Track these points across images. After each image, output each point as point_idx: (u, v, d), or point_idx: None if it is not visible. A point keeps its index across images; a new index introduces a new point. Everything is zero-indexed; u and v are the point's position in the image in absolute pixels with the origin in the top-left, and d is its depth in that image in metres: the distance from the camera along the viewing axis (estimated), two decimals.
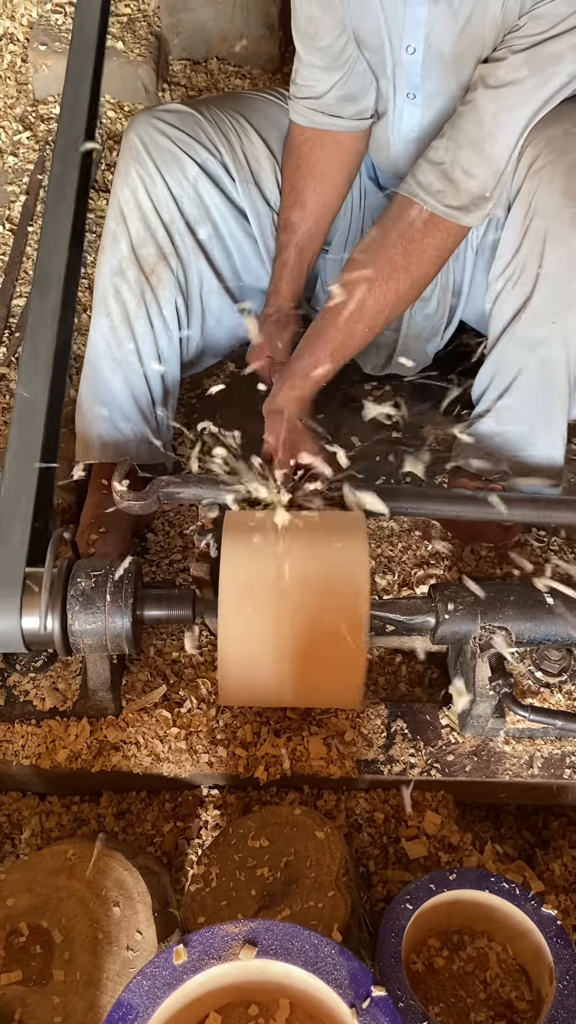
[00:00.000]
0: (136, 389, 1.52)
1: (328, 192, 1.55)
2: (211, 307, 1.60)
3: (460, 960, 1.09)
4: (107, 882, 1.09)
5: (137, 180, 1.49)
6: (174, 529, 1.61)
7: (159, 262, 1.50)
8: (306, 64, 1.47)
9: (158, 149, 1.49)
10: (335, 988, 0.85)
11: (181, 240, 1.52)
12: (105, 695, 1.27)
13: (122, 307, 1.50)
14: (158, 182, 1.49)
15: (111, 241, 1.51)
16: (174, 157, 1.50)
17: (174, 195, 1.51)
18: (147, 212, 1.50)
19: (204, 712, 1.30)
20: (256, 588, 1.15)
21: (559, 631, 1.21)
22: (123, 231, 1.50)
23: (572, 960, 1.02)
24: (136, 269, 1.50)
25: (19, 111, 2.54)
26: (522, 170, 1.35)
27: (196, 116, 1.54)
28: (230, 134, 1.55)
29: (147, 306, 1.50)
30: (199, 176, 1.52)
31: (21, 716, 1.29)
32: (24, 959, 1.04)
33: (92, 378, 1.52)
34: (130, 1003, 0.84)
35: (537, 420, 1.47)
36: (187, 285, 1.55)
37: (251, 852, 1.11)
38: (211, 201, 1.54)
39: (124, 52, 2.53)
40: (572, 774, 1.25)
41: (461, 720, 1.28)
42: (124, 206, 1.50)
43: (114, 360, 1.51)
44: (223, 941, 0.88)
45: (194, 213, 1.53)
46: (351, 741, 1.27)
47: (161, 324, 1.52)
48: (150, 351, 1.52)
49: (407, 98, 1.45)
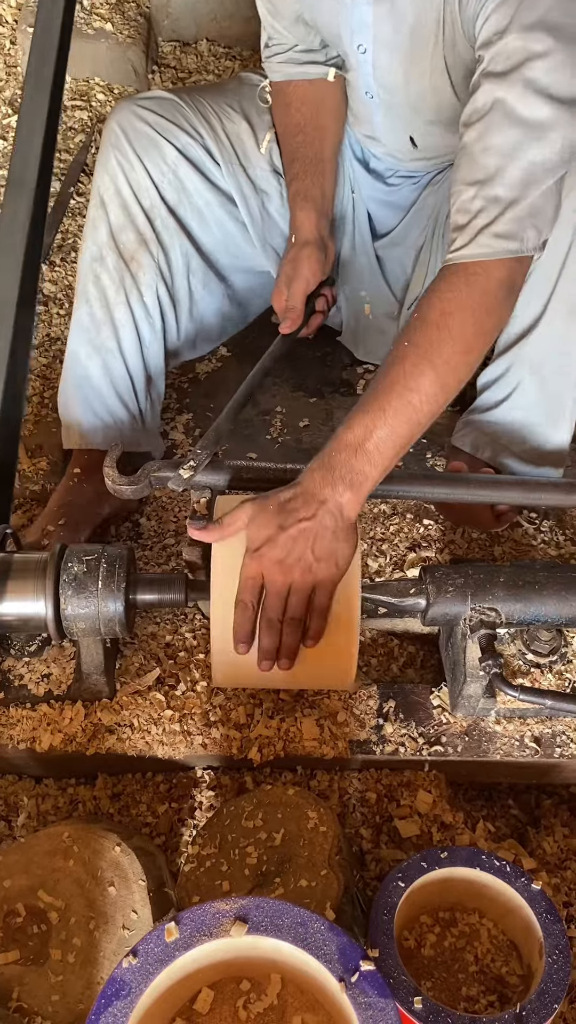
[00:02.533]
0: (116, 377, 1.51)
1: (324, 118, 1.53)
2: (198, 289, 1.59)
3: (452, 936, 1.10)
4: (103, 863, 1.10)
5: (116, 167, 1.48)
6: (167, 513, 1.61)
7: (139, 248, 1.50)
8: (270, 25, 1.49)
9: (137, 135, 1.49)
10: (324, 963, 0.86)
11: (163, 225, 1.51)
12: (99, 679, 1.28)
13: (102, 294, 1.49)
14: (137, 168, 1.48)
15: (91, 228, 1.50)
16: (153, 142, 1.49)
17: (154, 180, 1.50)
18: (127, 198, 1.49)
19: (198, 694, 1.31)
20: None
21: (549, 611, 1.22)
22: (102, 218, 1.49)
23: (562, 935, 1.03)
24: (116, 256, 1.49)
25: (8, 94, 2.52)
26: None
27: (176, 102, 1.53)
28: (211, 118, 1.54)
29: (127, 293, 1.49)
30: (179, 161, 1.51)
31: (16, 700, 1.30)
32: (22, 939, 1.05)
33: (72, 365, 1.52)
34: (123, 979, 0.85)
35: (552, 411, 1.47)
36: (171, 271, 1.54)
37: (245, 832, 1.13)
38: (193, 187, 1.54)
39: (113, 34, 2.51)
40: (563, 753, 1.26)
41: (452, 700, 1.29)
42: (104, 193, 1.49)
43: (93, 347, 1.50)
44: (214, 918, 0.89)
45: (174, 197, 1.52)
46: (344, 722, 1.28)
47: (142, 311, 1.51)
48: (130, 338, 1.51)
49: (366, 96, 1.44)
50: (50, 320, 1.91)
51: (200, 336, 1.67)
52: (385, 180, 1.61)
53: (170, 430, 1.75)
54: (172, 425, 1.76)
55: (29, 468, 1.65)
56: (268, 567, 1.12)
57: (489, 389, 1.50)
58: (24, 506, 1.60)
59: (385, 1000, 0.85)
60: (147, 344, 1.54)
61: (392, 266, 1.66)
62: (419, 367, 1.15)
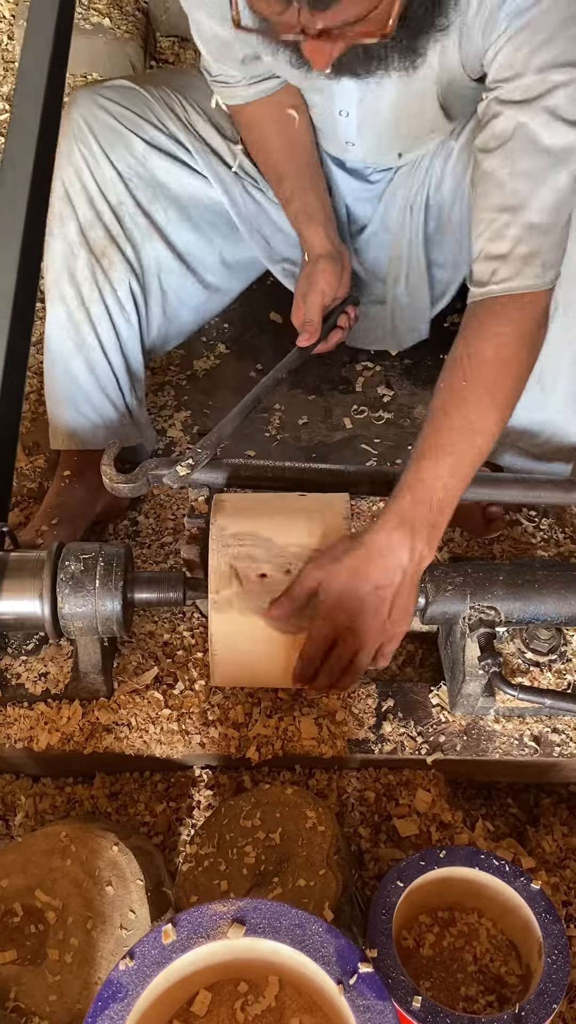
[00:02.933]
0: (100, 374, 1.50)
1: (295, 130, 1.48)
2: (172, 287, 1.56)
3: (450, 936, 1.10)
4: (100, 862, 1.10)
5: (81, 161, 1.44)
6: (165, 511, 1.61)
7: (109, 245, 1.47)
8: (214, 64, 1.42)
9: (101, 128, 1.44)
10: (323, 965, 0.86)
11: (132, 221, 1.48)
12: (96, 677, 1.28)
13: (76, 291, 1.47)
14: (103, 163, 1.45)
15: (59, 224, 1.47)
16: (119, 136, 1.45)
17: (122, 176, 1.46)
18: (93, 194, 1.45)
19: (196, 693, 1.30)
20: (246, 569, 1.15)
21: (548, 610, 1.22)
22: (70, 213, 1.46)
23: (561, 935, 1.03)
24: (87, 252, 1.46)
25: (5, 90, 2.51)
26: None
27: (140, 92, 1.48)
28: (176, 108, 1.50)
29: (100, 290, 1.47)
30: (148, 152, 1.47)
31: (13, 699, 1.30)
32: (19, 939, 1.05)
33: (53, 365, 1.50)
34: (120, 982, 0.85)
35: (553, 404, 1.45)
36: (142, 268, 1.52)
37: (243, 831, 1.12)
38: (167, 177, 1.50)
39: (111, 29, 2.50)
40: (562, 752, 1.26)
41: (451, 699, 1.29)
42: (70, 188, 1.46)
43: (75, 345, 1.48)
44: (212, 920, 0.89)
45: (146, 193, 1.49)
46: (342, 721, 1.28)
47: (117, 306, 1.49)
48: (109, 334, 1.49)
49: (339, 115, 1.40)
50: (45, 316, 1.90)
51: (173, 331, 1.64)
52: (364, 177, 1.58)
53: (168, 427, 1.74)
54: (170, 423, 1.75)
55: (27, 466, 1.64)
56: (343, 633, 1.11)
57: None
58: (21, 504, 1.60)
59: (383, 1002, 0.85)
60: (125, 339, 1.51)
61: (375, 254, 1.64)
62: (483, 409, 1.14)
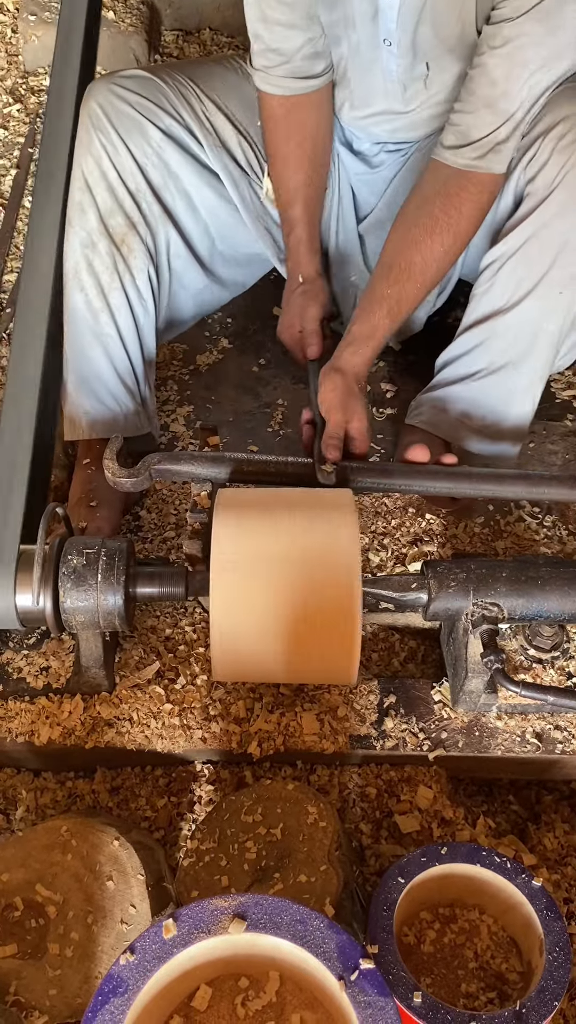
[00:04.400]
0: (118, 362, 1.51)
1: (321, 153, 1.55)
2: (177, 272, 1.59)
3: (451, 932, 1.10)
4: (101, 857, 1.10)
5: (100, 149, 1.46)
6: (167, 506, 1.60)
7: (129, 231, 1.49)
8: (270, 23, 1.44)
9: (119, 116, 1.47)
10: (324, 961, 0.86)
11: (148, 208, 1.51)
12: (98, 672, 1.28)
13: (95, 280, 1.48)
14: (121, 151, 1.47)
15: (78, 212, 1.48)
16: (136, 124, 1.47)
17: (138, 163, 1.48)
18: (112, 182, 1.47)
19: (197, 688, 1.30)
20: (248, 564, 1.15)
21: (551, 607, 1.21)
22: (90, 202, 1.48)
23: (562, 932, 1.03)
24: (107, 240, 1.48)
25: (9, 83, 2.51)
26: (550, 143, 1.36)
27: (157, 82, 1.51)
28: (192, 100, 1.52)
29: (121, 277, 1.49)
30: (164, 142, 1.49)
31: (15, 693, 1.30)
32: (19, 933, 1.05)
33: (73, 355, 1.51)
34: (120, 976, 0.85)
35: (519, 388, 1.50)
36: (156, 253, 1.54)
37: (244, 827, 1.12)
38: (178, 168, 1.52)
39: (115, 22, 2.49)
40: (564, 749, 1.26)
41: (453, 696, 1.29)
42: (88, 176, 1.47)
43: (92, 334, 1.49)
44: (213, 915, 0.89)
45: (160, 180, 1.51)
46: (344, 717, 1.28)
47: (136, 295, 1.51)
48: (127, 323, 1.51)
49: (383, 44, 1.42)
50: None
51: (172, 321, 1.66)
52: (369, 160, 1.61)
53: (171, 422, 1.74)
54: (173, 417, 1.75)
55: None
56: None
57: (452, 365, 1.53)
58: None
59: (384, 999, 0.84)
60: (143, 327, 1.53)
61: (378, 243, 1.65)
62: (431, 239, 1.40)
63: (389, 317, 1.42)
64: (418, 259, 1.41)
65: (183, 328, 1.71)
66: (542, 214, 1.39)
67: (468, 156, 1.38)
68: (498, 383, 1.50)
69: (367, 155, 1.60)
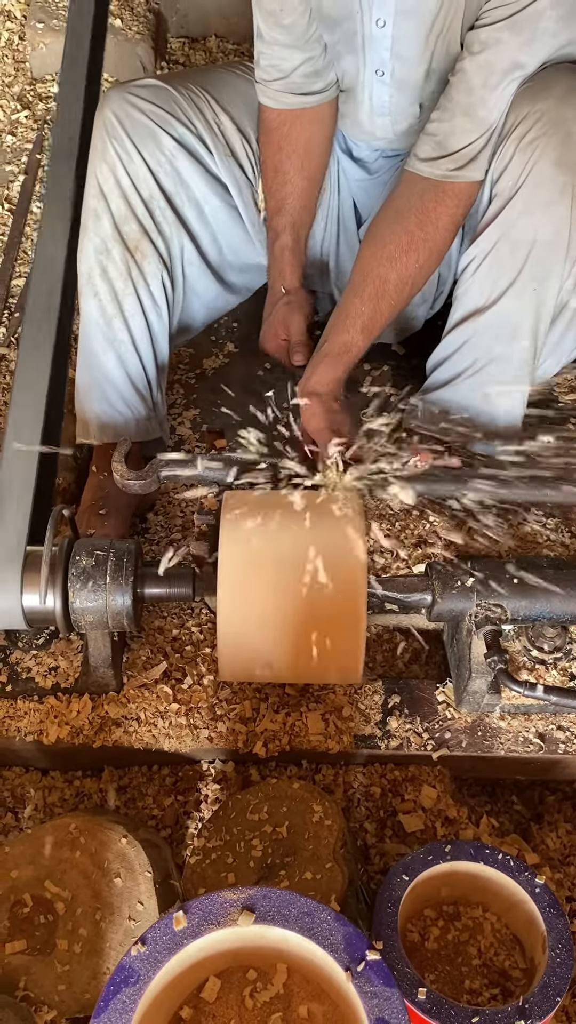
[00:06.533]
0: (130, 368, 1.52)
1: (313, 167, 1.56)
2: (190, 279, 1.60)
3: (455, 930, 1.11)
4: (109, 854, 1.11)
5: (115, 156, 1.48)
6: (174, 508, 1.62)
7: (142, 238, 1.50)
8: (269, 42, 1.46)
9: (134, 124, 1.48)
10: (331, 952, 0.87)
11: (162, 215, 1.52)
12: (106, 672, 1.29)
13: (109, 286, 1.49)
14: (135, 158, 1.48)
15: (93, 219, 1.50)
16: (150, 132, 1.49)
17: (152, 171, 1.50)
18: (126, 189, 1.49)
19: (204, 688, 1.32)
20: (255, 566, 1.16)
21: (554, 608, 1.23)
22: (104, 208, 1.49)
23: (564, 929, 1.04)
24: (121, 247, 1.49)
25: (17, 90, 2.53)
26: (512, 143, 1.36)
27: (170, 91, 1.52)
28: (204, 108, 1.54)
29: (134, 283, 1.50)
30: (176, 151, 1.51)
31: (23, 692, 1.31)
32: (28, 929, 1.06)
33: (86, 359, 1.53)
34: (132, 967, 0.86)
35: (505, 384, 1.50)
36: (170, 259, 1.55)
37: (250, 825, 1.13)
38: (190, 177, 1.53)
39: (122, 30, 2.52)
40: (567, 749, 1.27)
41: (457, 696, 1.30)
42: (103, 183, 1.49)
43: (106, 340, 1.51)
44: (222, 908, 0.90)
45: (172, 188, 1.53)
46: (349, 716, 1.29)
47: (150, 301, 1.52)
48: (141, 328, 1.52)
49: (376, 75, 1.44)
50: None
51: (184, 327, 1.67)
52: (368, 167, 1.62)
53: (177, 425, 1.75)
54: (179, 420, 1.76)
55: None
56: None
57: (441, 367, 1.54)
58: None
59: (391, 989, 0.86)
60: (156, 333, 1.55)
61: None
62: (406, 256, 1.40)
63: (363, 334, 1.42)
64: (393, 276, 1.40)
65: (194, 333, 1.72)
66: (508, 214, 1.39)
67: (445, 167, 1.38)
68: (484, 381, 1.50)
69: (366, 162, 1.62)
